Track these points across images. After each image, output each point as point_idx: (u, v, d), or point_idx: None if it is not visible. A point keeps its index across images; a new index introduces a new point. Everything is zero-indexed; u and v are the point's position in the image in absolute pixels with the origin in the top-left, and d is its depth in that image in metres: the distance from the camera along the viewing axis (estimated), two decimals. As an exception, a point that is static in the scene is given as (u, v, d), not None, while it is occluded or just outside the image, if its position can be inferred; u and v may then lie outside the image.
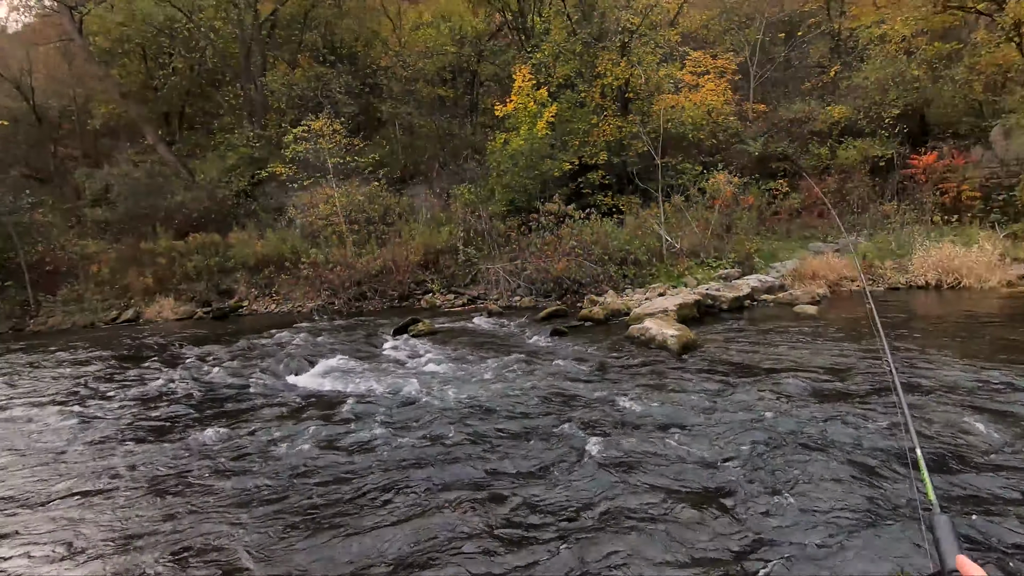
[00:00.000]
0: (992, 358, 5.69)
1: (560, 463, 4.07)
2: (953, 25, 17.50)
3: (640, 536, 3.08)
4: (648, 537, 3.07)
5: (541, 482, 3.82)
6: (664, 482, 3.68)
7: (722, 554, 2.88)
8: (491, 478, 3.92)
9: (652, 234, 13.26)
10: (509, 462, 4.15)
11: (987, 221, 13.20)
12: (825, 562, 2.74)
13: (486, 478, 3.93)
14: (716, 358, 6.59)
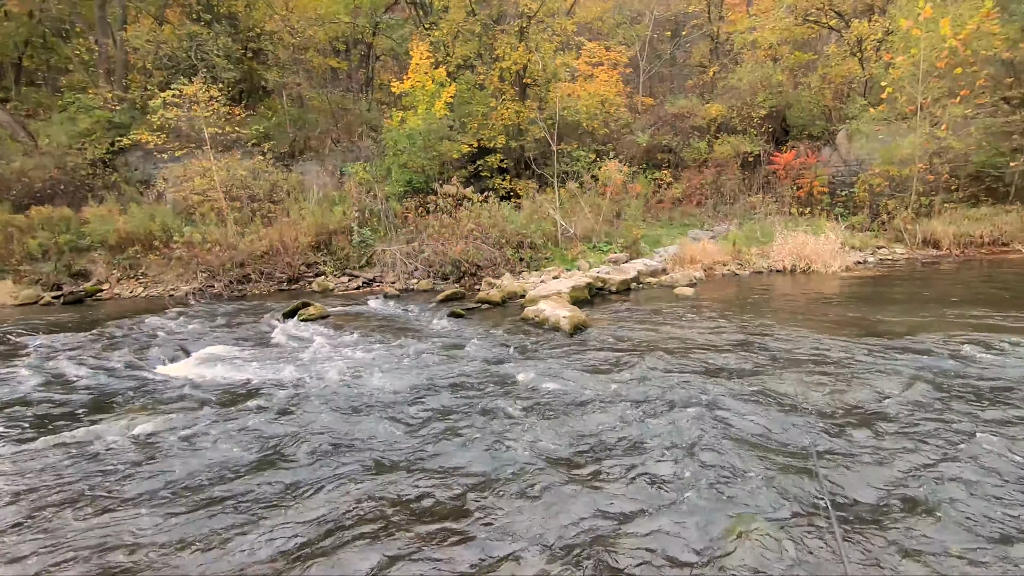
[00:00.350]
0: (833, 332, 6.59)
1: (460, 444, 4.14)
2: (810, 37, 19.65)
3: (531, 509, 3.23)
4: (538, 508, 3.23)
5: (439, 461, 3.86)
6: (561, 454, 3.87)
7: (605, 519, 3.11)
8: (390, 463, 3.90)
9: (548, 219, 13.65)
10: (409, 445, 4.14)
11: (832, 214, 15.11)
12: (722, 507, 3.06)
13: (385, 464, 3.90)
14: (605, 337, 6.99)
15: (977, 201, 13.98)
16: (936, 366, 5.17)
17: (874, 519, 2.97)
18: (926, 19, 12.92)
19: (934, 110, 13.35)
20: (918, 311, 7.54)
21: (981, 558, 2.64)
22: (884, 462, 3.53)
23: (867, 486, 3.28)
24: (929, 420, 4.07)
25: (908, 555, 2.68)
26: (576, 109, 16.63)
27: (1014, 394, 4.44)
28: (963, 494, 3.13)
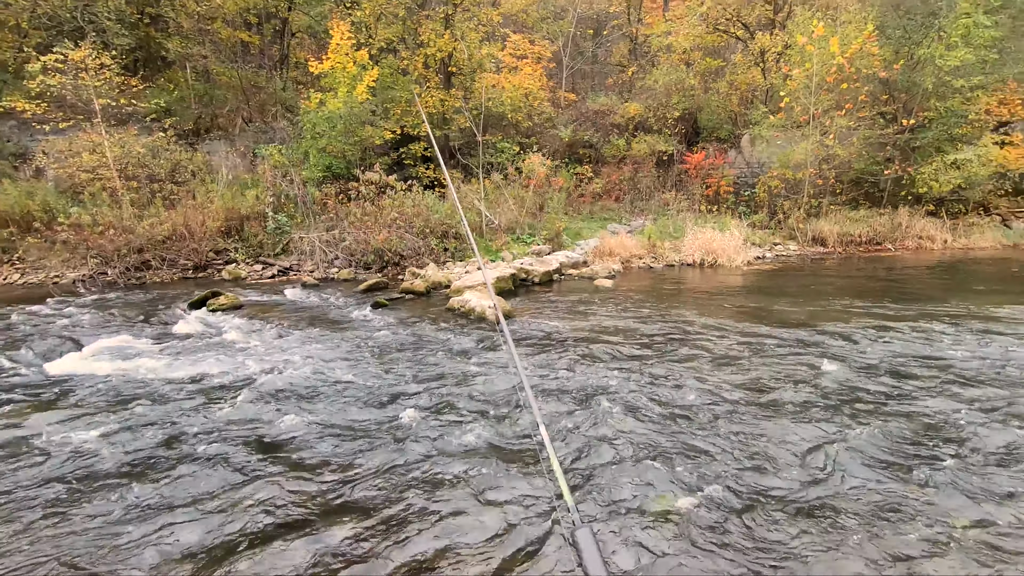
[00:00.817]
0: (738, 320, 7.17)
1: (384, 437, 4.12)
2: (720, 45, 20.92)
3: (458, 505, 3.30)
4: (465, 500, 3.30)
5: (362, 456, 3.82)
6: (483, 445, 3.96)
7: (521, 506, 3.24)
8: (310, 461, 3.81)
9: (472, 209, 13.67)
10: (332, 441, 4.06)
11: (736, 212, 16.28)
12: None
13: (303, 462, 3.80)
14: (531, 327, 7.17)
15: (857, 204, 15.63)
16: (824, 348, 5.79)
17: (777, 490, 3.32)
18: (819, 37, 14.19)
19: (824, 120, 14.73)
20: (808, 302, 8.36)
21: (844, 503, 3.04)
22: (782, 437, 3.93)
23: (765, 458, 3.65)
24: (814, 396, 4.57)
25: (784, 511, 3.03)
26: (501, 101, 16.72)
27: (883, 374, 5.08)
28: (848, 461, 3.56)
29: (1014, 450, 3.70)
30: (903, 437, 3.88)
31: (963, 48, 13.13)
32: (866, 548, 2.77)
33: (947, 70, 13.35)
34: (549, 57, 20.57)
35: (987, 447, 3.74)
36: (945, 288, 9.57)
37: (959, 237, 14.65)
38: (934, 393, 4.64)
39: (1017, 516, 3.01)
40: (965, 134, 14.65)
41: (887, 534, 2.87)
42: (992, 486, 3.29)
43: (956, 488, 3.27)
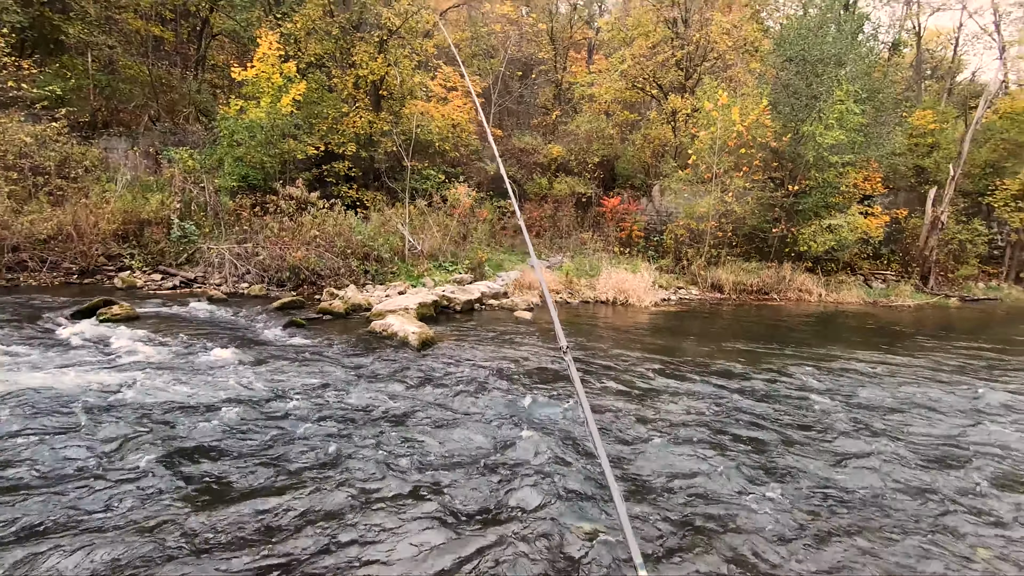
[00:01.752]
0: (645, 356, 7.66)
1: (299, 463, 3.98)
2: (637, 101, 22.63)
3: (365, 531, 3.28)
4: (380, 531, 3.28)
5: (272, 484, 3.67)
6: (417, 468, 3.95)
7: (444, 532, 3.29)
8: (213, 484, 3.60)
9: (396, 233, 13.58)
10: (239, 463, 3.87)
11: (646, 256, 17.40)
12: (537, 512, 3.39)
13: (204, 483, 3.59)
14: (453, 354, 7.21)
15: (750, 257, 17.28)
16: (718, 384, 6.35)
17: (666, 505, 3.60)
18: (722, 105, 15.81)
19: (724, 179, 16.29)
20: (706, 342, 9.10)
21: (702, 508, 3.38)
22: (674, 465, 4.26)
23: (660, 488, 3.95)
24: (707, 421, 5.01)
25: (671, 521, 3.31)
26: (430, 129, 16.92)
27: (773, 403, 5.66)
28: (722, 485, 3.94)
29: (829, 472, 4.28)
30: (772, 457, 4.37)
31: (837, 129, 15.19)
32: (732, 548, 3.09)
33: (825, 146, 15.34)
34: (479, 92, 21.17)
35: (811, 463, 4.30)
36: (819, 336, 10.81)
37: (831, 292, 16.60)
38: (799, 423, 5.25)
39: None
40: (838, 203, 16.79)
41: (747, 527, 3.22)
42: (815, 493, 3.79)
43: (795, 491, 3.73)
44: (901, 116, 20.04)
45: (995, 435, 5.29)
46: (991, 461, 4.67)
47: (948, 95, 26.27)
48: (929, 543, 3.40)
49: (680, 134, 19.51)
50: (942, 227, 19.27)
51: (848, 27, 16.55)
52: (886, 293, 17.52)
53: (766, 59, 18.80)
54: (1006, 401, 6.40)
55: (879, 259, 20.23)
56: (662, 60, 19.96)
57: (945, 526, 3.61)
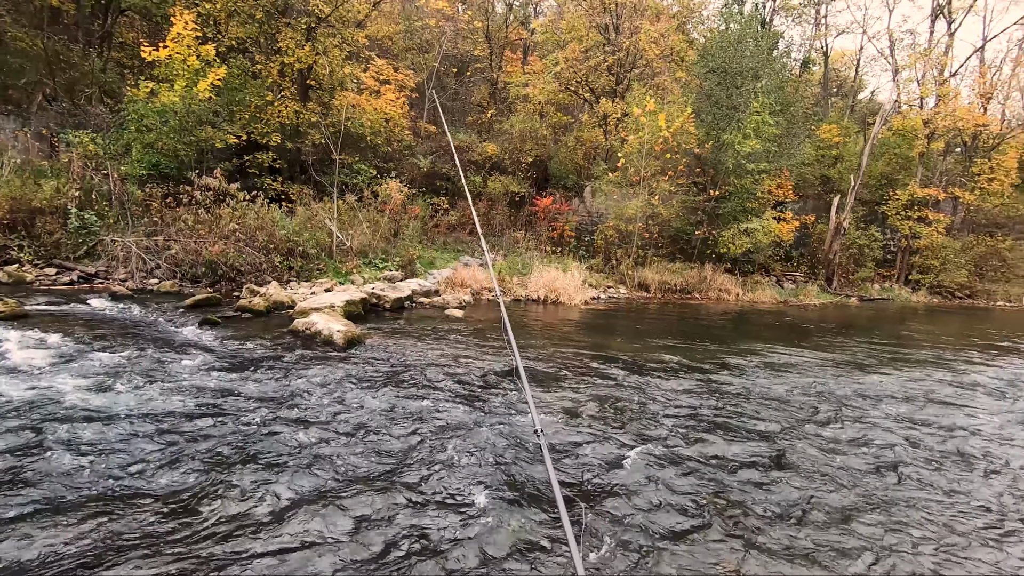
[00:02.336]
0: (575, 353, 7.81)
1: (214, 467, 3.75)
2: (570, 103, 23.05)
3: (291, 538, 3.14)
4: (305, 540, 3.16)
5: (186, 491, 3.44)
6: (339, 469, 3.81)
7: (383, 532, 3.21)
8: (122, 491, 3.33)
9: (323, 228, 13.10)
10: (145, 473, 3.59)
11: (577, 255, 17.77)
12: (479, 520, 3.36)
13: (113, 491, 3.31)
14: (380, 353, 7.04)
15: (674, 258, 18.04)
16: (642, 378, 6.58)
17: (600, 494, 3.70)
18: (650, 111, 16.41)
19: (651, 183, 16.92)
20: (633, 339, 9.41)
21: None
22: (607, 449, 4.38)
23: (591, 473, 4.04)
24: (634, 413, 5.18)
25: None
26: (361, 122, 16.46)
27: (692, 397, 5.93)
28: (640, 475, 4.10)
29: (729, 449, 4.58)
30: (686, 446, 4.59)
31: (754, 139, 16.16)
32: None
33: (743, 155, 16.28)
34: (412, 87, 20.81)
35: (723, 445, 4.59)
36: (737, 332, 11.46)
37: (747, 291, 17.64)
38: (721, 414, 5.55)
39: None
40: (754, 208, 17.87)
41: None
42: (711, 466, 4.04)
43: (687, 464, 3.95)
44: (810, 129, 21.61)
45: (893, 416, 5.80)
46: (888, 437, 5.11)
47: (851, 111, 28.62)
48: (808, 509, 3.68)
49: (611, 137, 20.07)
50: (844, 233, 20.96)
51: (764, 43, 17.62)
52: (795, 293, 18.83)
53: (691, 69, 19.69)
54: (896, 388, 7.04)
55: (790, 261, 21.72)
56: (594, 64, 20.44)
57: (822, 500, 3.91)
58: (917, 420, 5.93)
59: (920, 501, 4.06)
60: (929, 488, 4.29)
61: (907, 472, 4.55)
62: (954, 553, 3.42)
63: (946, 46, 23.77)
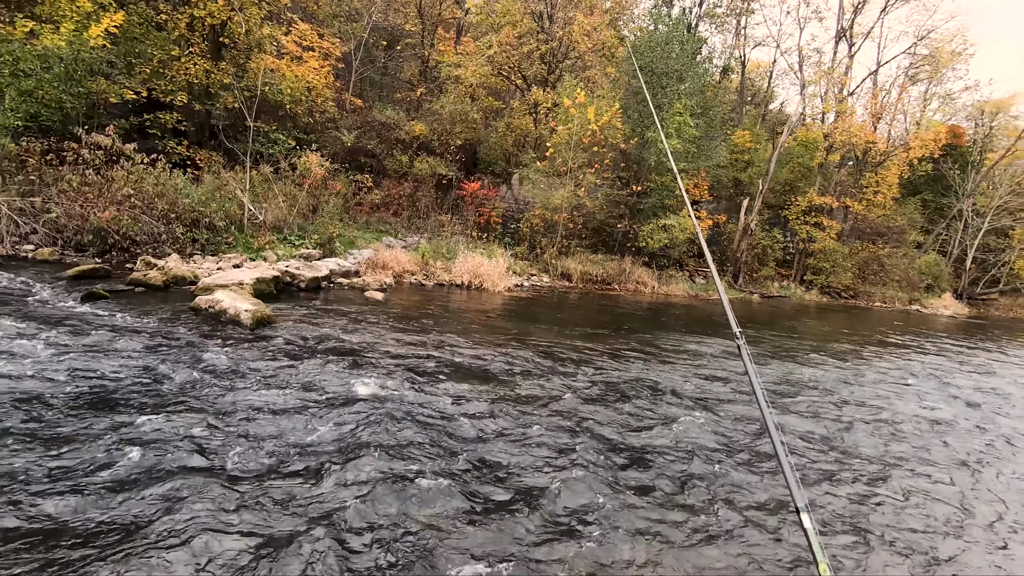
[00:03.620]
0: (496, 340, 7.80)
1: (97, 462, 3.37)
2: (502, 89, 22.88)
3: (181, 536, 2.90)
4: (196, 533, 2.92)
5: (68, 489, 3.07)
6: (236, 459, 3.54)
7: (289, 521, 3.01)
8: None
9: (234, 200, 12.22)
10: (19, 467, 3.17)
11: (503, 242, 17.78)
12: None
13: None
14: (291, 335, 6.67)
15: (596, 249, 18.51)
16: (563, 367, 6.69)
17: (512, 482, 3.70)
18: (580, 103, 16.62)
19: (578, 174, 17.20)
20: (553, 328, 9.56)
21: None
22: (523, 436, 4.40)
23: (505, 455, 4.05)
24: (555, 400, 5.25)
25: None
26: (280, 88, 15.44)
27: (607, 384, 6.10)
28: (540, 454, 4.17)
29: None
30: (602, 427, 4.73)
31: (676, 139, 16.84)
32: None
33: (665, 153, 16.91)
34: (338, 56, 19.78)
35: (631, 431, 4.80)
36: (652, 323, 11.95)
37: (663, 285, 18.47)
38: (628, 399, 5.77)
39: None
40: (672, 205, 18.67)
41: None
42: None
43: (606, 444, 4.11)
44: (726, 134, 22.83)
45: (787, 401, 6.27)
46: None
47: (762, 120, 30.56)
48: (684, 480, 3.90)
49: (540, 126, 20.16)
50: (751, 233, 22.42)
51: (689, 47, 18.33)
52: (706, 288, 19.94)
53: (620, 65, 20.14)
54: (789, 374, 7.63)
55: (702, 258, 22.94)
56: (527, 51, 20.38)
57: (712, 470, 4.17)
58: (796, 397, 6.46)
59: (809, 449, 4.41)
60: (828, 448, 4.68)
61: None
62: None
63: (846, 67, 25.89)
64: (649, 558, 3.19)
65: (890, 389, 7.96)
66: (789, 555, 3.37)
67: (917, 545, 3.70)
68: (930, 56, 26.66)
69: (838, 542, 3.63)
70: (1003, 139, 30.64)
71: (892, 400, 7.32)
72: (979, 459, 5.46)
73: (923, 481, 4.77)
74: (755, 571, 3.20)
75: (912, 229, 27.64)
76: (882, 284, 25.46)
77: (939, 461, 5.27)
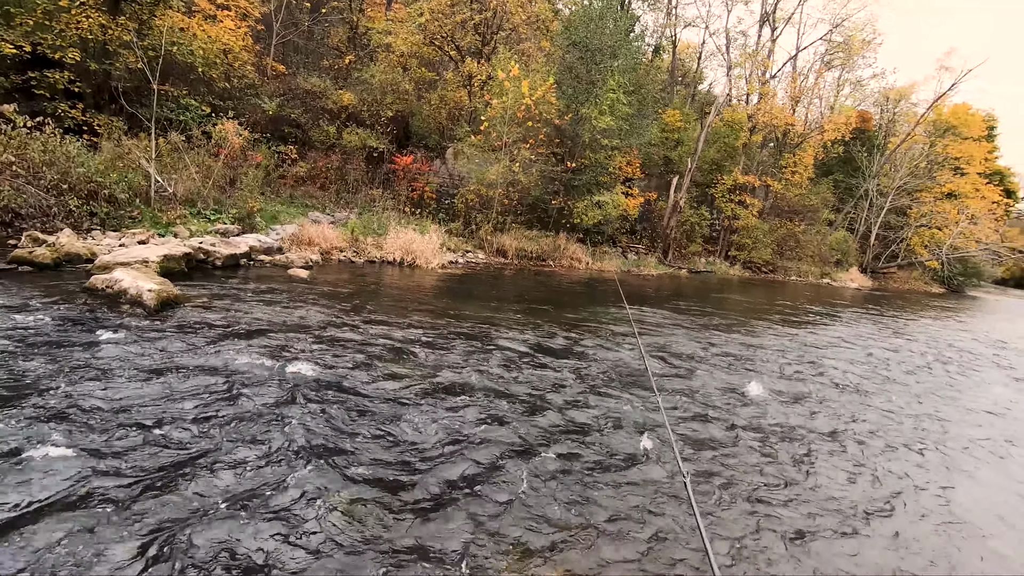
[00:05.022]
0: (427, 317, 7.61)
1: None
2: (435, 59, 22.15)
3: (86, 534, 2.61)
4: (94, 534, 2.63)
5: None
6: (129, 466, 3.22)
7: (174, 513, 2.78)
8: None
9: (139, 170, 11.19)
10: None
11: (437, 218, 17.41)
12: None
13: None
14: (201, 317, 6.19)
15: (532, 225, 18.51)
16: (494, 343, 6.63)
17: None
18: (515, 76, 16.36)
19: (513, 149, 17.02)
20: (488, 306, 9.47)
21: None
22: (456, 409, 4.31)
23: (431, 431, 3.95)
24: (481, 375, 5.19)
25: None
26: (190, 49, 14.19)
27: (543, 356, 6.09)
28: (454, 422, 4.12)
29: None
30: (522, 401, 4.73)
31: (609, 116, 16.96)
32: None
33: (599, 129, 17.02)
34: (258, 17, 18.41)
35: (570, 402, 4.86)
36: (587, 297, 12.12)
37: (596, 261, 18.78)
38: (555, 369, 5.81)
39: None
40: (606, 182, 18.91)
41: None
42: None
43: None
44: (657, 112, 23.29)
45: (715, 366, 6.51)
46: (709, 382, 5.72)
47: (692, 100, 31.39)
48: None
49: (475, 99, 19.74)
50: (680, 211, 23.16)
51: (623, 24, 18.39)
52: (637, 264, 20.49)
53: (555, 40, 19.95)
54: (718, 342, 7.95)
55: (634, 234, 23.53)
56: (460, 20, 19.76)
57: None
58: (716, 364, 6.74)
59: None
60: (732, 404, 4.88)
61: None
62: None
63: (769, 50, 26.96)
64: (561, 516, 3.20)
65: (787, 345, 8.47)
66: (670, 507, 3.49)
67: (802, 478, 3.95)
68: (843, 44, 28.20)
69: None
70: (904, 124, 33.13)
71: (780, 356, 7.80)
72: (863, 394, 5.92)
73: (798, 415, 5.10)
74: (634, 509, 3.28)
75: (825, 208, 29.50)
76: (797, 259, 27.12)
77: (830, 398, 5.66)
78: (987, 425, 6.32)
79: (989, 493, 4.51)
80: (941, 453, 5.23)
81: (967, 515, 4.04)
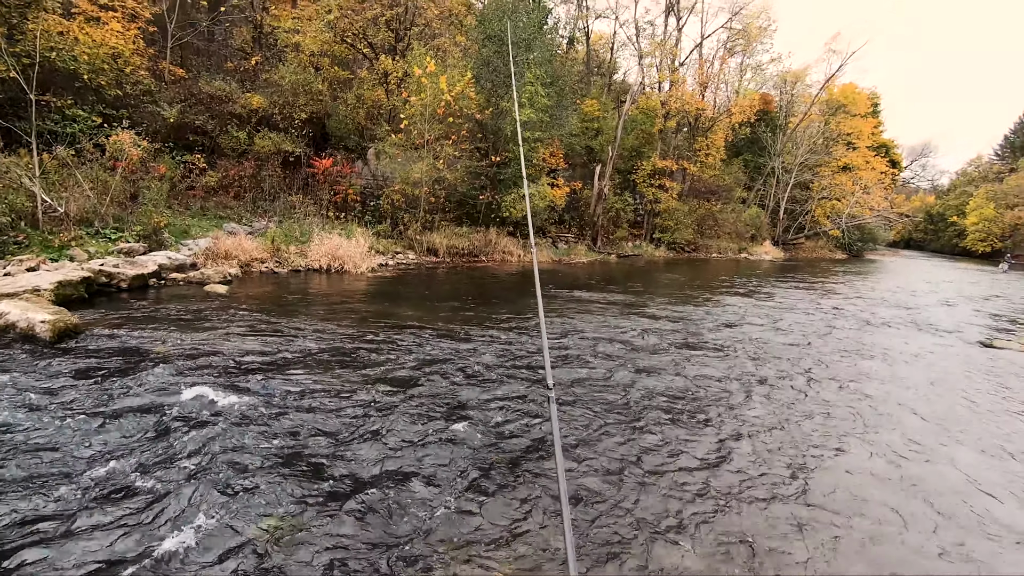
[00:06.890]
0: (359, 325, 7.41)
1: None
2: (348, 58, 21.47)
3: None
4: None
5: None
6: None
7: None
8: None
9: (21, 190, 10.16)
10: None
11: (363, 221, 16.97)
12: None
13: None
14: (104, 345, 5.73)
15: (461, 222, 18.42)
16: (426, 344, 6.55)
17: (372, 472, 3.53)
18: (431, 72, 16.15)
19: (436, 147, 16.83)
20: (421, 306, 9.35)
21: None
22: (391, 426, 4.23)
23: (359, 455, 3.87)
24: (429, 382, 5.12)
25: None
26: (73, 55, 13.01)
27: (478, 355, 6.08)
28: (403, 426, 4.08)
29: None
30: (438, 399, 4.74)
31: (529, 108, 17.11)
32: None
33: (520, 122, 17.12)
34: (148, 19, 17.11)
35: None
36: (518, 290, 12.22)
37: (528, 253, 18.96)
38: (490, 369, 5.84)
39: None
40: (531, 174, 19.10)
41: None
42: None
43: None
44: (576, 103, 23.73)
45: (649, 343, 6.74)
46: (630, 358, 5.91)
47: (608, 90, 32.21)
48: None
49: (393, 97, 19.35)
50: (605, 198, 23.78)
51: (536, 16, 18.56)
52: (567, 252, 20.88)
53: (470, 34, 19.86)
54: (647, 324, 8.24)
55: (563, 224, 23.95)
56: (371, 16, 19.26)
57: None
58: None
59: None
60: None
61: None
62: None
63: (676, 39, 28.10)
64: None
65: (710, 312, 8.95)
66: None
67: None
68: (743, 31, 29.84)
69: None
70: (802, 105, 35.58)
71: (704, 320, 8.24)
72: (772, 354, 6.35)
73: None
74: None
75: (737, 187, 31.24)
76: (716, 237, 28.58)
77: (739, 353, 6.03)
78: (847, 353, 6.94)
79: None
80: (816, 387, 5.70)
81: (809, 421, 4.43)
